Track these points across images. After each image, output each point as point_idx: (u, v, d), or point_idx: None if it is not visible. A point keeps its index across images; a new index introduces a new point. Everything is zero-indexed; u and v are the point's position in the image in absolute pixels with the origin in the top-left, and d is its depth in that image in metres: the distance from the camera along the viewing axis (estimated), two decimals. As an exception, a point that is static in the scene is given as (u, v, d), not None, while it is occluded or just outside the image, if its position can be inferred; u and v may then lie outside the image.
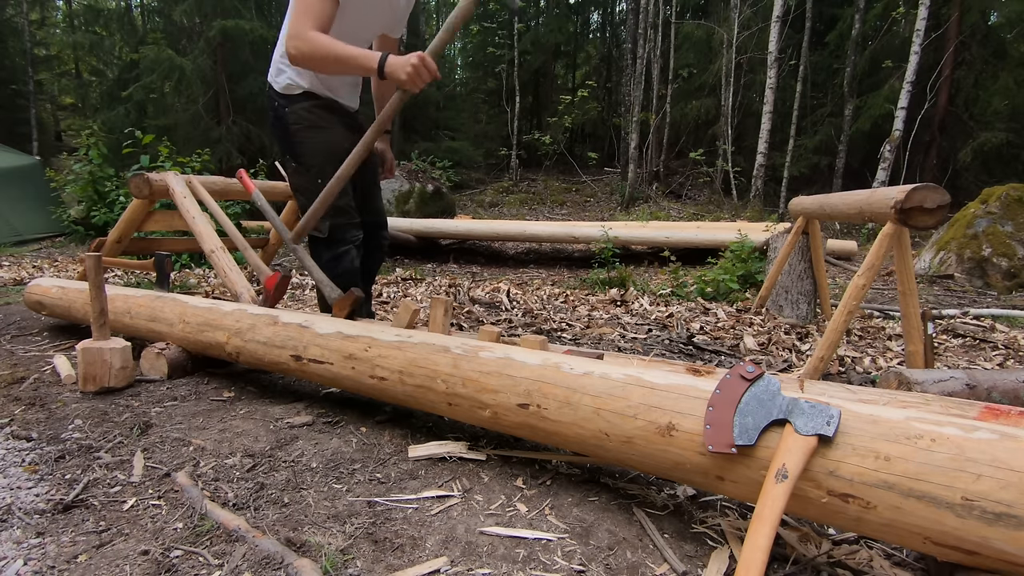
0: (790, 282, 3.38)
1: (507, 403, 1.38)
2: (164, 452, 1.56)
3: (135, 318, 2.32)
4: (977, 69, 9.77)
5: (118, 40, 12.27)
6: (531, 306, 3.79)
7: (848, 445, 0.97)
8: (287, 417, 1.78)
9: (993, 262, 5.17)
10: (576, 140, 14.93)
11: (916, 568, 1.14)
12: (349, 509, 1.28)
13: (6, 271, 5.17)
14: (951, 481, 0.87)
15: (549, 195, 11.56)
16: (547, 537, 1.18)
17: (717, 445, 1.06)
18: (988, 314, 3.77)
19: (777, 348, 2.86)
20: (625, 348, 2.80)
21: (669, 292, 4.41)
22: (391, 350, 1.61)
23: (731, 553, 1.15)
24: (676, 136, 12.63)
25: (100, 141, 7.39)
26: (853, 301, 2.20)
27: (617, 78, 14.45)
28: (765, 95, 9.76)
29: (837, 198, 2.86)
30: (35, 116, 13.82)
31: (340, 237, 2.19)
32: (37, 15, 15.38)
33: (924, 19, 8.11)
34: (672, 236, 6.84)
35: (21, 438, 1.65)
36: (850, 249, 6.71)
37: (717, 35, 11.31)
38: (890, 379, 1.76)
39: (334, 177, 2.00)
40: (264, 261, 4.35)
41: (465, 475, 1.44)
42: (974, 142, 9.42)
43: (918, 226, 2.18)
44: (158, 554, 1.12)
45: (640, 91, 11.28)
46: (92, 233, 7.10)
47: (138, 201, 3.20)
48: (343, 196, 2.13)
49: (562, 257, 7.65)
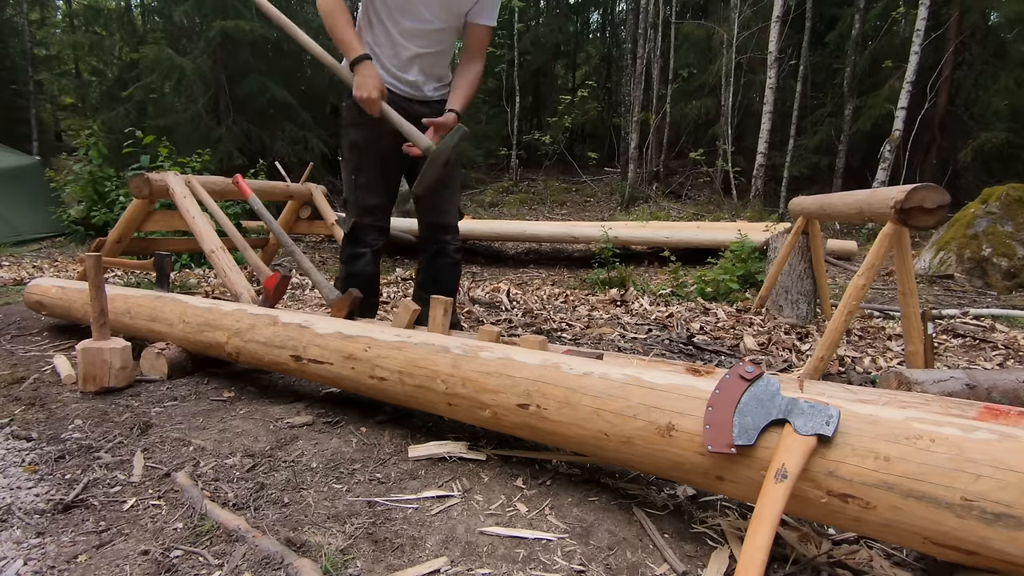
0: (790, 282, 3.38)
1: (507, 403, 1.38)
2: (164, 452, 1.56)
3: (135, 318, 2.32)
4: (977, 69, 9.77)
5: (118, 40, 12.26)
6: (531, 306, 3.79)
7: (847, 445, 0.97)
8: (287, 417, 1.78)
9: (993, 262, 5.17)
10: (576, 140, 14.92)
11: (916, 568, 1.14)
12: (349, 509, 1.28)
13: (6, 271, 5.17)
14: (950, 481, 0.87)
15: (549, 195, 11.55)
16: (547, 537, 1.18)
17: (716, 445, 1.06)
18: (988, 314, 3.77)
19: (777, 348, 2.86)
20: (625, 348, 2.80)
21: (669, 292, 4.40)
22: (391, 350, 1.61)
23: (731, 553, 1.15)
24: (676, 136, 12.62)
25: (100, 141, 7.38)
26: (853, 301, 2.20)
27: (617, 78, 14.45)
28: (765, 95, 9.75)
29: (837, 198, 2.87)
30: (35, 116, 13.81)
31: (359, 237, 2.19)
32: (37, 15, 15.38)
33: (924, 19, 8.11)
34: (672, 236, 6.84)
35: (21, 438, 1.65)
36: (850, 249, 6.71)
37: (717, 35, 11.30)
38: (890, 379, 1.76)
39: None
40: (264, 261, 4.35)
41: (465, 475, 1.44)
42: (974, 142, 9.42)
43: (918, 226, 2.18)
44: (158, 554, 1.12)
45: (640, 91, 11.28)
46: (92, 233, 7.09)
47: (138, 201, 3.21)
48: (372, 195, 2.11)
49: (562, 257, 7.65)
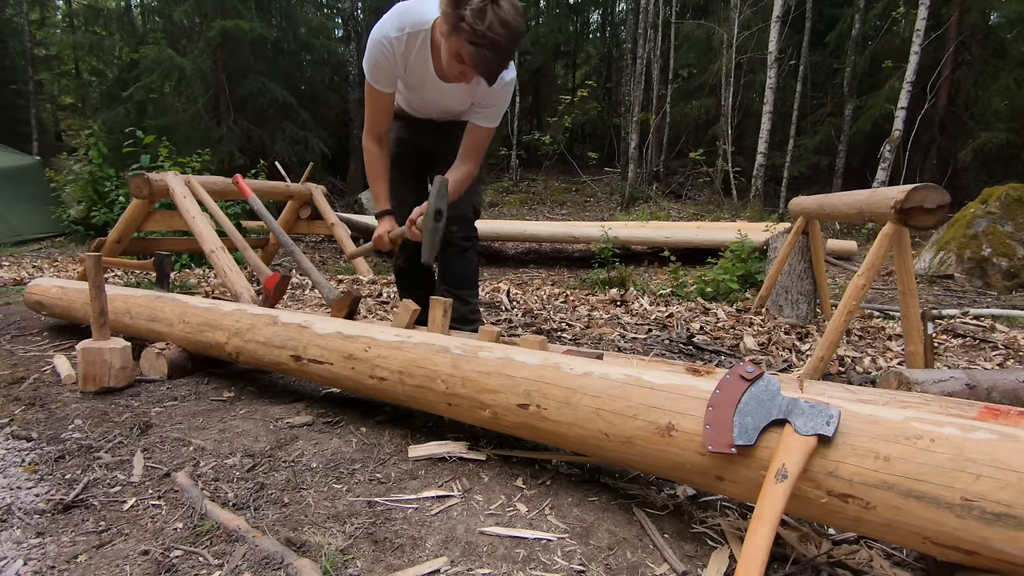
0: (790, 282, 3.38)
1: (507, 403, 1.38)
2: (164, 452, 1.56)
3: (135, 318, 2.32)
4: (977, 69, 9.77)
5: (118, 40, 12.27)
6: (531, 306, 3.79)
7: (847, 445, 0.97)
8: (287, 417, 1.78)
9: (993, 262, 5.18)
10: (576, 140, 14.92)
11: (916, 568, 1.14)
12: (349, 509, 1.28)
13: (6, 271, 5.17)
14: (950, 481, 0.87)
15: (549, 195, 11.55)
16: (547, 537, 1.18)
17: (717, 445, 1.06)
18: (988, 314, 3.77)
19: (777, 348, 2.86)
20: (625, 348, 2.80)
21: (669, 292, 4.40)
22: (391, 350, 1.61)
23: (731, 553, 1.15)
24: (676, 136, 12.63)
25: (100, 141, 7.39)
26: (853, 301, 2.20)
27: (617, 78, 14.46)
28: (765, 95, 9.76)
29: (837, 198, 2.87)
30: (35, 116, 13.82)
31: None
32: (37, 15, 15.38)
33: (924, 19, 8.11)
34: (672, 236, 6.85)
35: (21, 438, 1.65)
36: (850, 249, 6.71)
37: (717, 35, 11.31)
38: (890, 379, 1.76)
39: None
40: (264, 261, 4.35)
41: (465, 475, 1.44)
42: (974, 142, 9.42)
43: (918, 226, 2.18)
44: (158, 554, 1.12)
45: (640, 91, 11.28)
46: (92, 233, 7.10)
47: (138, 201, 3.21)
48: (393, 198, 2.23)
49: (562, 257, 7.66)
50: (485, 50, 1.68)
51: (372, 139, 2.14)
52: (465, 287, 2.40)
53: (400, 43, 1.92)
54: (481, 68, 1.74)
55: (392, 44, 1.92)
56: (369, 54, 1.96)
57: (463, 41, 1.69)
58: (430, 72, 2.01)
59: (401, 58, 1.96)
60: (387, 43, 1.92)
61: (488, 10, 1.63)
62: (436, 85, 2.05)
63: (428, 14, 1.90)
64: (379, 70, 1.98)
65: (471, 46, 1.68)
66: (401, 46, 1.93)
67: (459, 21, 1.66)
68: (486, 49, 1.68)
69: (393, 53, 1.94)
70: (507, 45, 1.69)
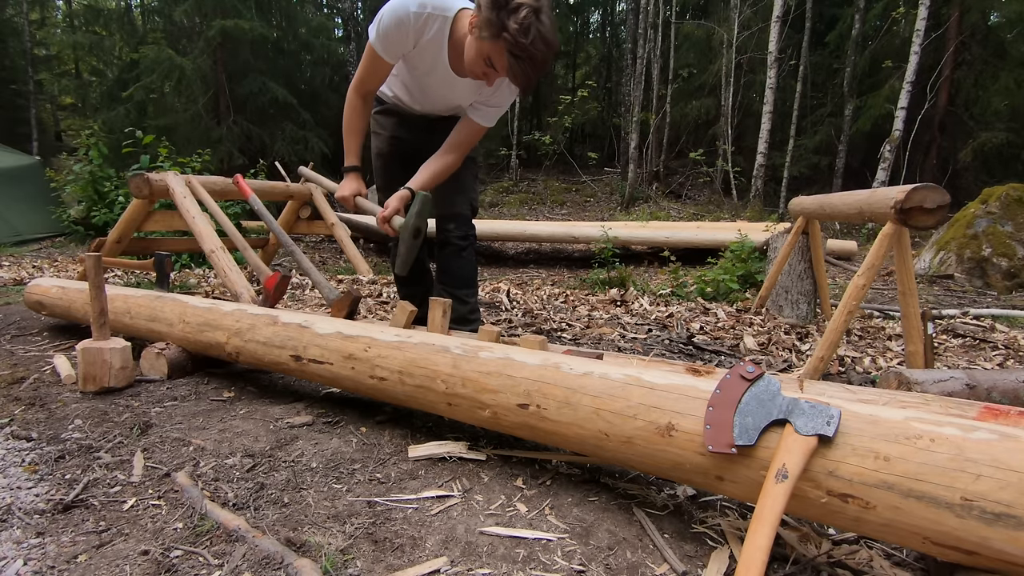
0: (790, 282, 3.38)
1: (507, 403, 1.38)
2: (164, 452, 1.56)
3: (135, 318, 2.32)
4: (977, 69, 9.77)
5: (118, 40, 12.28)
6: (531, 306, 3.79)
7: (848, 445, 0.97)
8: (287, 417, 1.78)
9: (993, 262, 5.18)
10: (576, 140, 14.92)
11: (916, 568, 1.14)
12: (349, 509, 1.28)
13: (6, 271, 5.17)
14: (950, 481, 0.87)
15: (549, 195, 11.55)
16: (547, 537, 1.18)
17: (717, 445, 1.06)
18: (988, 314, 3.77)
19: (777, 348, 2.86)
20: (625, 348, 2.80)
21: (669, 292, 4.40)
22: (391, 350, 1.61)
23: (731, 553, 1.15)
24: (676, 136, 12.63)
25: (100, 141, 7.39)
26: (853, 301, 2.20)
27: (617, 78, 14.45)
28: (765, 95, 9.76)
29: (837, 198, 2.86)
30: (35, 116, 13.83)
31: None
32: (37, 15, 15.39)
33: (924, 19, 8.11)
34: (672, 236, 6.85)
35: (21, 438, 1.65)
36: (850, 249, 6.71)
37: (717, 35, 11.31)
38: (890, 379, 1.76)
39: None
40: (264, 261, 4.35)
41: (465, 475, 1.44)
42: (974, 142, 9.42)
43: (918, 226, 2.18)
44: (158, 554, 1.12)
45: (640, 91, 11.28)
46: (92, 233, 7.10)
47: (138, 201, 3.21)
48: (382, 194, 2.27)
49: (562, 257, 7.66)
50: (525, 63, 1.71)
51: (359, 95, 2.10)
52: (463, 287, 2.39)
53: (419, 20, 1.89)
54: (519, 79, 1.77)
55: (411, 18, 1.88)
56: (383, 22, 1.90)
57: (503, 50, 1.70)
58: (442, 62, 1.98)
59: (414, 34, 1.92)
60: (405, 16, 1.88)
61: (532, 27, 1.65)
62: (447, 77, 2.02)
63: (452, 1, 1.88)
64: (389, 40, 1.93)
65: (512, 57, 1.70)
66: (419, 23, 1.89)
67: (502, 30, 1.67)
68: (526, 63, 1.70)
69: (409, 28, 1.90)
70: (544, 60, 1.73)
